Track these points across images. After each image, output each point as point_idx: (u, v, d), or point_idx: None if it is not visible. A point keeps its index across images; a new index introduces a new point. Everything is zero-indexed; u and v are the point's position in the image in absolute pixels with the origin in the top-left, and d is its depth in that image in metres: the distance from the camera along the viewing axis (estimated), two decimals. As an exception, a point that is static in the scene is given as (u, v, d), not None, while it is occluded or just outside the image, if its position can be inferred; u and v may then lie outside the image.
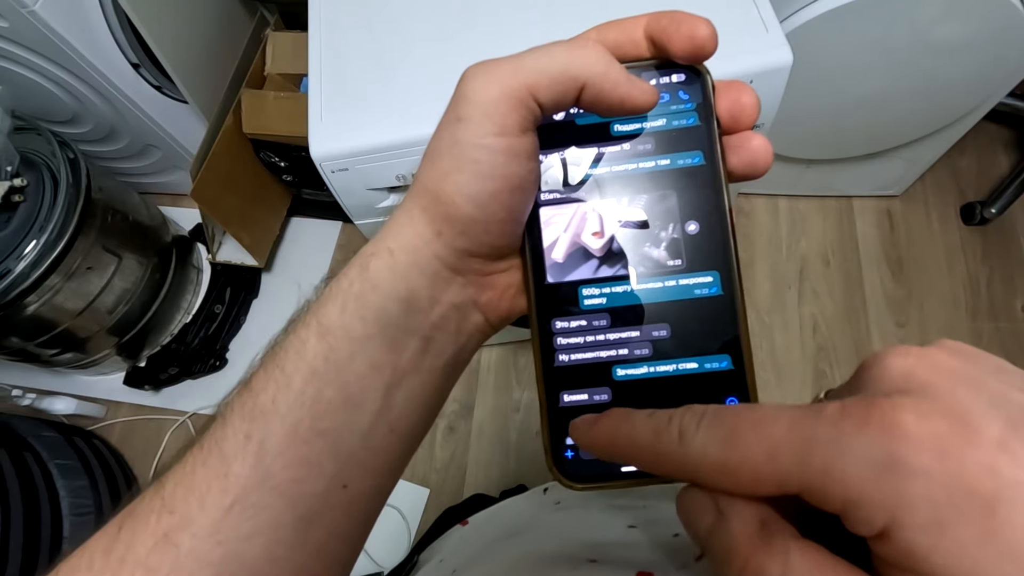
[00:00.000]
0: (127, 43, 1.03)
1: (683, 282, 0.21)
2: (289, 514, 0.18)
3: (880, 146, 1.10)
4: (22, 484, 0.92)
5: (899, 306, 1.18)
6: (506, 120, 0.18)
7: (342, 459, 0.19)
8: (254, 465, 0.18)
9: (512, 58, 0.19)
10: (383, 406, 0.19)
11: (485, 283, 0.22)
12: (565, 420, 0.20)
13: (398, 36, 0.62)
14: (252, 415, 0.19)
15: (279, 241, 1.34)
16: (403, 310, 0.19)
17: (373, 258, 0.20)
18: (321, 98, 0.60)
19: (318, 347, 0.19)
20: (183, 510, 0.18)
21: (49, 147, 1.01)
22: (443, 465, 1.15)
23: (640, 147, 0.21)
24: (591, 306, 0.21)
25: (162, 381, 1.23)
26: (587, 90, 0.19)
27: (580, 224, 0.21)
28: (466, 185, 0.19)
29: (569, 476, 0.20)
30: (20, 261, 0.94)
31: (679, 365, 0.20)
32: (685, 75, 0.21)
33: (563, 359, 0.21)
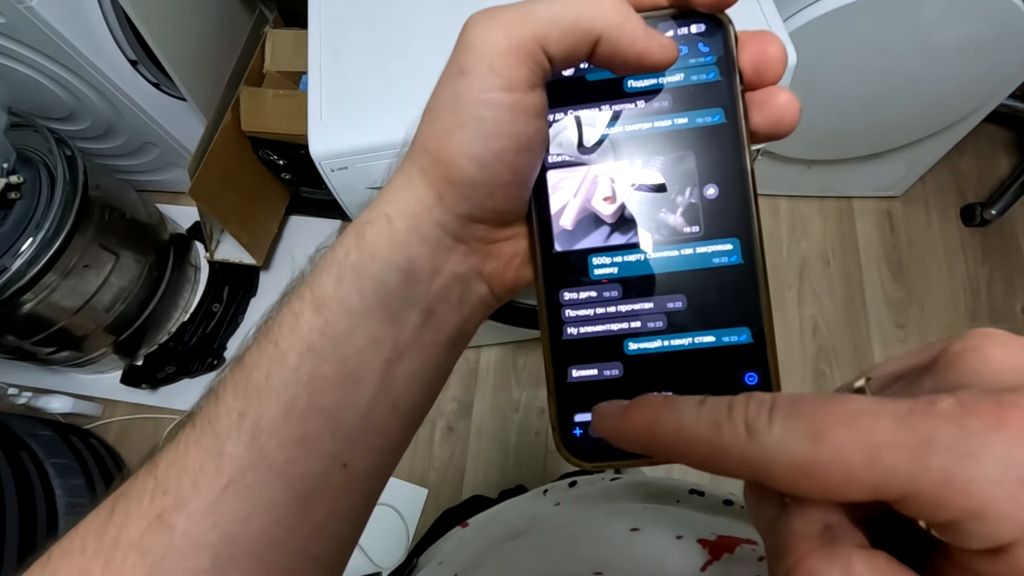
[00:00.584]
0: (125, 40, 1.02)
1: (700, 250, 0.19)
2: (286, 494, 0.18)
3: (881, 147, 1.10)
4: (18, 483, 0.92)
5: (899, 307, 1.18)
6: (513, 73, 0.17)
7: (341, 437, 0.18)
8: (248, 444, 0.17)
9: (520, 5, 0.17)
10: (383, 382, 0.19)
11: (489, 251, 0.20)
12: (573, 396, 0.20)
13: (398, 33, 0.62)
14: (246, 392, 0.18)
15: (277, 239, 1.33)
16: (403, 280, 0.18)
17: (369, 225, 0.19)
18: (321, 96, 0.59)
19: (314, 321, 0.18)
20: (176, 491, 0.17)
21: (46, 144, 1.01)
22: (442, 465, 1.15)
23: (656, 105, 0.20)
24: (602, 276, 0.20)
25: (159, 380, 1.23)
26: (602, 44, 0.17)
27: (591, 188, 0.20)
28: (469, 144, 0.17)
29: (577, 454, 0.19)
30: (16, 259, 0.94)
31: (695, 339, 0.19)
32: (706, 25, 0.19)
33: (572, 332, 0.20)
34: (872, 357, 1.15)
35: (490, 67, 0.17)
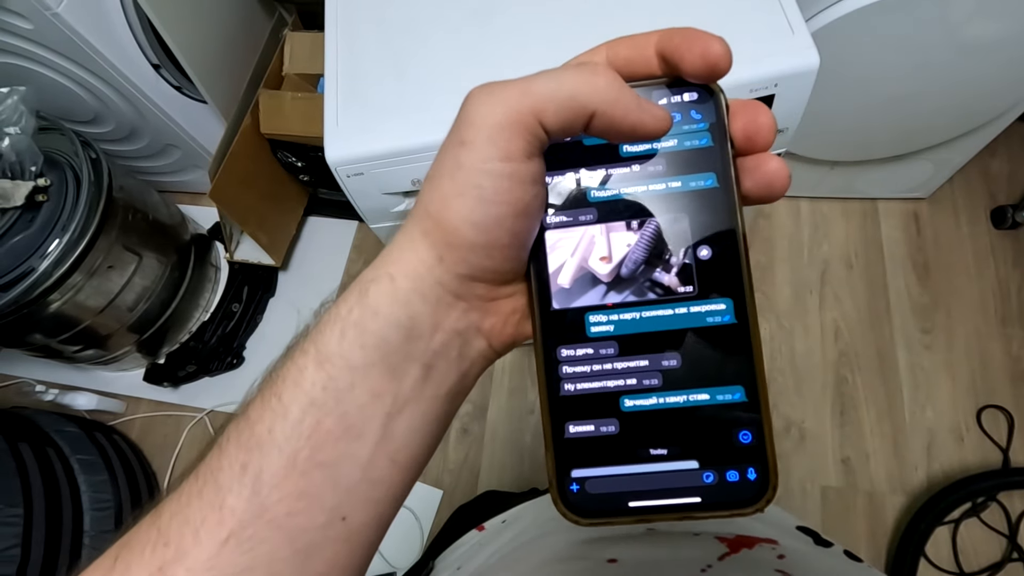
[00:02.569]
0: (148, 44, 1.04)
1: (694, 309, 0.20)
2: (286, 548, 0.18)
3: (907, 148, 1.07)
4: (44, 478, 0.94)
5: (925, 312, 1.15)
6: (511, 145, 0.18)
7: (341, 491, 0.19)
8: (250, 498, 0.18)
9: (519, 81, 0.18)
10: (383, 436, 0.19)
11: (489, 308, 0.21)
12: (570, 451, 0.20)
13: (415, 40, 0.61)
14: (248, 445, 0.18)
15: (296, 240, 1.35)
16: (404, 337, 0.19)
17: (373, 284, 0.19)
18: (337, 102, 0.59)
19: (316, 376, 0.19)
20: (178, 542, 0.18)
21: (72, 147, 1.03)
22: (456, 466, 1.15)
23: (650, 168, 0.20)
24: (598, 333, 0.20)
25: (180, 378, 1.25)
26: (597, 118, 0.18)
27: (587, 248, 0.21)
28: (469, 211, 0.18)
29: (574, 511, 0.20)
30: (43, 260, 0.96)
31: (690, 396, 0.19)
32: (698, 94, 0.20)
33: (569, 388, 0.20)
34: (896, 363, 1.12)
35: (489, 139, 0.18)
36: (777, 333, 1.17)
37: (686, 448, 0.19)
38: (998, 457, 1.04)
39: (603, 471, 0.20)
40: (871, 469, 1.06)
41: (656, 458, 0.19)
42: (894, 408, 1.09)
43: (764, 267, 1.22)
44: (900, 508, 1.03)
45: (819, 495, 1.06)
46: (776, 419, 1.11)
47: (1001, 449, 1.04)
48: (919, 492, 1.03)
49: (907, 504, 1.03)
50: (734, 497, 0.19)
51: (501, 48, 0.59)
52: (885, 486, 1.05)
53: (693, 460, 0.19)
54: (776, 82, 0.54)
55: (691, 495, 0.19)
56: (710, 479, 0.19)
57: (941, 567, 0.99)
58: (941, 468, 1.05)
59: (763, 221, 1.25)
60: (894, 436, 1.08)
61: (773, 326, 1.17)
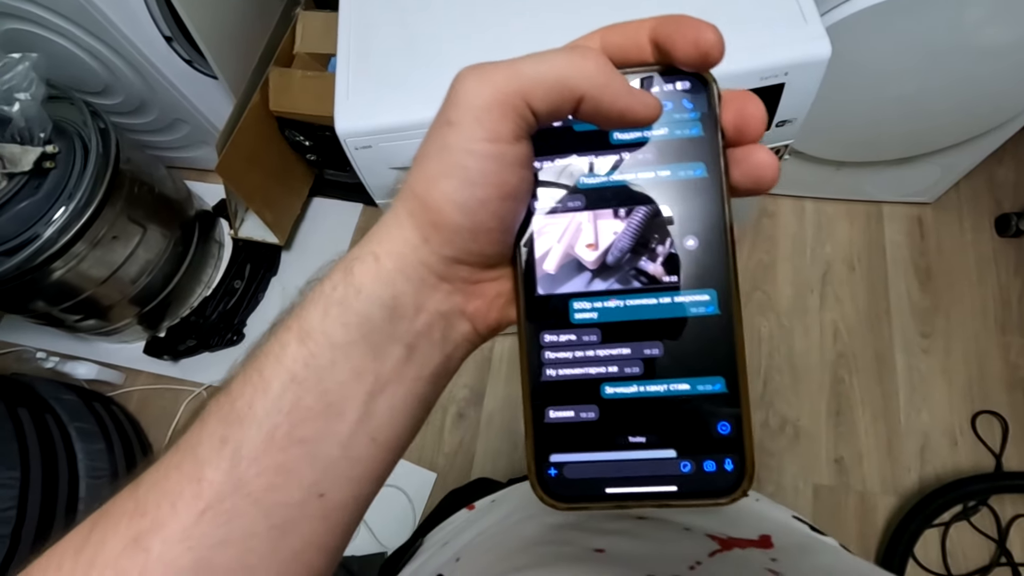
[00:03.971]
0: (161, 16, 1.04)
1: (678, 299, 0.20)
2: (263, 522, 0.18)
3: (915, 151, 1.07)
4: (42, 444, 0.95)
5: (925, 316, 1.15)
6: (498, 126, 0.18)
7: (320, 468, 0.19)
8: (228, 471, 0.18)
9: (508, 63, 0.18)
10: (364, 414, 0.19)
11: (473, 291, 0.21)
12: (550, 436, 0.20)
13: (428, 16, 0.62)
14: (228, 419, 0.18)
15: (300, 220, 1.35)
16: (387, 317, 0.19)
17: (357, 262, 0.19)
18: (348, 75, 0.59)
19: (298, 352, 0.19)
20: (155, 513, 0.18)
21: (81, 116, 1.03)
22: (451, 450, 1.16)
23: (640, 156, 0.20)
24: (582, 320, 0.20)
25: (180, 352, 1.25)
26: (585, 102, 0.18)
27: (574, 235, 0.21)
28: (454, 192, 0.18)
29: (552, 495, 0.20)
30: (48, 227, 0.96)
31: (670, 386, 0.19)
32: (690, 83, 0.20)
33: (550, 374, 0.20)
34: (894, 365, 1.12)
35: (476, 120, 0.18)
36: (776, 331, 1.17)
37: (664, 437, 0.19)
38: (991, 462, 1.04)
39: (581, 457, 0.20)
40: (864, 469, 1.06)
41: (634, 446, 0.19)
42: (890, 410, 1.10)
43: (766, 265, 1.22)
44: (891, 509, 1.04)
45: (811, 493, 1.06)
46: (771, 416, 1.11)
47: (994, 454, 1.04)
48: (911, 494, 1.04)
49: (898, 505, 1.03)
50: (710, 487, 0.19)
51: (514, 26, 0.59)
52: (877, 486, 1.05)
53: (671, 449, 0.19)
54: (786, 71, 0.54)
55: (668, 483, 0.19)
56: (687, 468, 0.19)
57: (929, 569, 1.00)
58: (934, 471, 1.05)
59: (767, 220, 1.25)
60: (888, 437, 1.08)
61: (773, 324, 1.18)
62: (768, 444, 1.09)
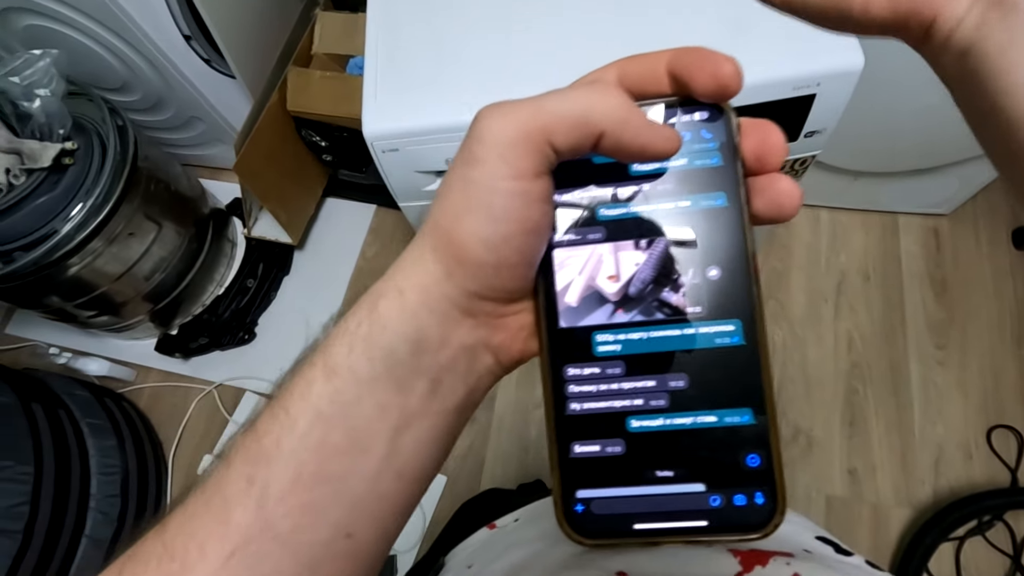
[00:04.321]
0: (181, 15, 1.04)
1: (703, 330, 0.19)
2: (291, 563, 0.18)
3: (933, 162, 1.07)
4: (55, 439, 0.95)
5: (940, 328, 1.14)
6: (521, 163, 0.18)
7: (347, 506, 0.18)
8: (256, 512, 0.18)
9: (529, 100, 0.18)
10: (390, 450, 0.19)
11: (497, 325, 0.21)
12: (576, 471, 0.20)
13: (457, 20, 0.61)
14: (255, 458, 0.18)
15: (314, 220, 1.35)
16: (412, 351, 0.19)
17: (382, 298, 0.19)
18: (376, 77, 0.59)
19: (324, 389, 0.19)
20: (183, 557, 0.18)
21: (100, 113, 1.03)
22: (461, 454, 1.15)
23: (660, 188, 0.20)
24: (605, 353, 0.20)
25: (192, 350, 1.25)
26: (606, 138, 0.18)
27: (595, 267, 0.20)
28: (479, 228, 0.18)
29: (579, 531, 0.19)
30: (66, 223, 0.96)
31: (697, 418, 0.19)
32: (708, 113, 0.20)
33: (575, 408, 0.20)
34: (908, 377, 1.12)
35: (499, 156, 0.18)
36: (790, 340, 1.17)
37: (693, 471, 0.19)
38: (1006, 477, 1.04)
39: (608, 492, 0.19)
40: (877, 481, 1.06)
41: (662, 480, 0.19)
42: (904, 422, 1.09)
43: (780, 274, 1.22)
44: (905, 521, 1.03)
45: (824, 504, 1.05)
46: (784, 426, 1.11)
47: (1010, 469, 1.04)
48: (925, 506, 1.03)
49: (912, 518, 1.03)
50: (741, 521, 0.19)
51: (543, 32, 0.59)
52: (891, 498, 1.04)
53: (700, 483, 0.19)
54: (819, 81, 0.54)
55: (697, 518, 0.19)
56: (717, 503, 0.19)
57: (943, 583, 0.99)
58: (948, 484, 1.04)
59: (781, 228, 1.25)
60: (902, 449, 1.07)
61: (786, 333, 1.17)
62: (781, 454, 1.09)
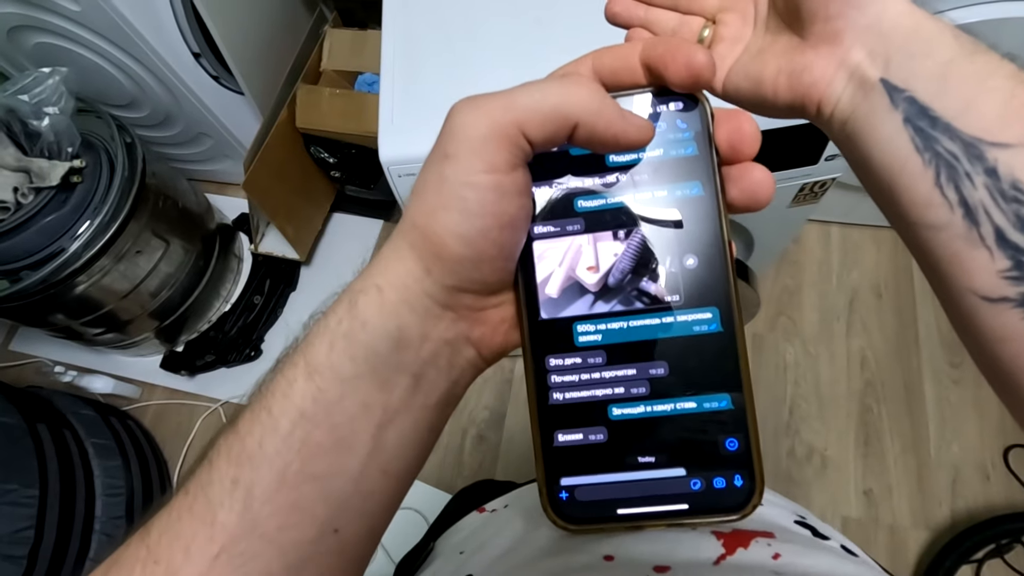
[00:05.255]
0: (190, 33, 1.04)
1: (681, 318, 0.20)
2: (278, 562, 0.18)
3: (946, 179, 1.06)
4: (60, 461, 0.93)
5: (955, 346, 1.13)
6: (495, 157, 0.18)
7: (333, 504, 0.18)
8: (241, 512, 0.18)
9: (502, 94, 0.18)
10: (374, 448, 0.19)
11: (477, 318, 0.21)
12: (559, 459, 0.20)
13: (475, 44, 0.61)
14: (239, 459, 0.18)
15: (320, 236, 1.34)
16: (393, 348, 0.19)
17: (361, 295, 0.19)
18: (393, 101, 0.59)
19: (306, 388, 0.19)
20: (168, 559, 0.17)
21: (108, 130, 1.03)
22: (471, 473, 1.14)
23: (637, 177, 0.21)
24: (586, 343, 0.20)
25: (197, 367, 1.24)
26: (580, 129, 0.18)
27: (575, 258, 0.21)
28: (455, 224, 0.18)
29: (564, 517, 0.20)
30: (74, 241, 0.96)
31: (677, 404, 0.20)
32: (683, 103, 0.20)
33: (557, 397, 0.20)
34: (923, 395, 1.10)
35: (472, 151, 0.18)
36: (803, 359, 1.15)
37: (673, 456, 0.20)
38: (1024, 498, 1.02)
39: (592, 479, 0.20)
40: (894, 502, 1.04)
41: (644, 466, 0.20)
42: (919, 441, 1.07)
43: (792, 291, 1.21)
44: (923, 544, 1.01)
45: (840, 525, 1.04)
46: (798, 445, 1.09)
47: (1028, 490, 1.02)
48: (943, 528, 1.01)
49: (930, 540, 1.01)
50: (721, 503, 0.19)
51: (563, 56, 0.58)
52: (908, 520, 1.03)
53: (680, 467, 0.20)
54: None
55: (679, 502, 0.19)
56: (697, 486, 0.19)
57: (962, 607, 0.97)
58: (966, 505, 1.03)
59: (792, 245, 1.24)
60: (918, 470, 1.06)
61: (799, 351, 1.16)
62: (795, 474, 1.07)
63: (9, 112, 0.93)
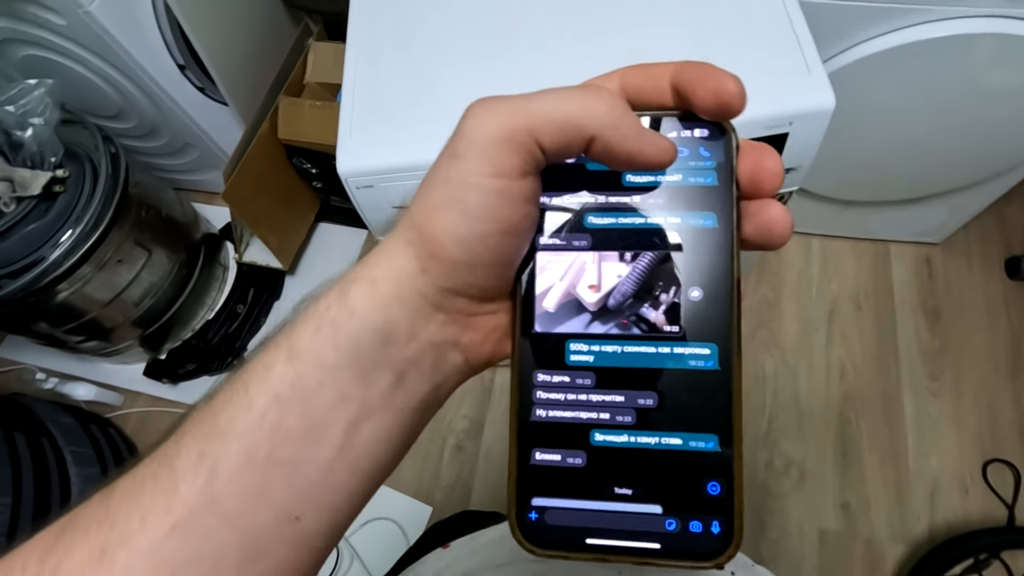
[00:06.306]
0: (175, 45, 1.06)
1: (678, 351, 0.19)
2: (234, 543, 0.17)
3: (922, 192, 1.07)
4: (36, 470, 0.94)
5: (933, 358, 1.13)
6: (503, 162, 0.18)
7: (297, 492, 0.18)
8: (203, 488, 0.17)
9: (518, 97, 0.18)
10: (345, 442, 0.19)
11: (469, 323, 0.21)
12: (533, 479, 0.19)
13: (436, 58, 0.62)
14: (208, 434, 0.18)
15: (305, 245, 1.35)
16: (378, 341, 0.19)
17: (354, 284, 0.19)
18: (353, 113, 0.60)
19: (285, 371, 0.18)
20: (123, 524, 0.17)
21: (93, 140, 1.04)
22: (448, 484, 1.14)
23: (651, 201, 0.20)
24: (577, 362, 0.20)
25: (180, 375, 1.25)
26: (596, 142, 0.18)
27: (577, 274, 0.20)
28: (453, 225, 0.18)
29: (530, 539, 0.19)
30: (55, 249, 0.97)
31: (662, 439, 0.19)
32: (708, 131, 0.20)
33: (540, 414, 0.20)
34: (902, 407, 1.10)
35: (481, 153, 0.18)
36: (781, 369, 1.15)
37: (652, 491, 0.19)
38: (1003, 513, 1.01)
39: (564, 503, 0.19)
40: (871, 515, 1.03)
41: (620, 497, 0.19)
42: (898, 454, 1.07)
43: (771, 302, 1.21)
44: (900, 557, 1.00)
45: (816, 538, 1.03)
46: (776, 457, 1.09)
47: (1007, 505, 1.01)
48: (920, 542, 1.01)
49: (907, 554, 1.00)
50: (695, 548, 0.18)
51: (522, 71, 0.59)
52: (885, 533, 1.02)
53: (657, 504, 0.19)
54: (791, 120, 0.54)
55: (651, 540, 0.19)
56: (672, 526, 0.19)
57: (939, 623, 0.96)
58: (944, 519, 1.02)
59: (772, 256, 1.24)
60: (896, 483, 1.05)
61: (777, 362, 1.16)
62: (772, 486, 1.07)
63: (-7, 123, 0.95)
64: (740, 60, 0.57)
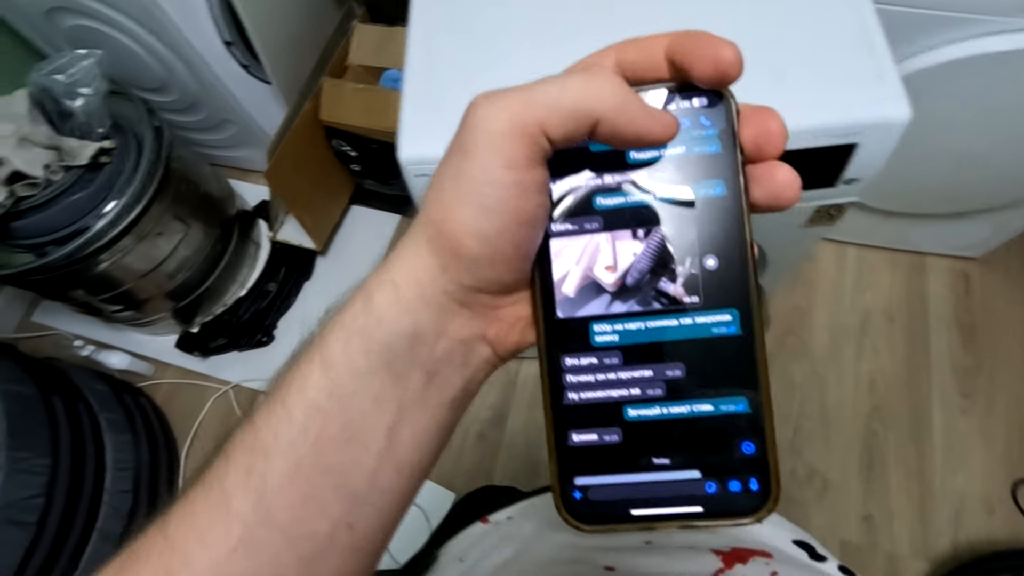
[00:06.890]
0: (222, 21, 1.06)
1: (699, 320, 0.20)
2: (291, 554, 0.18)
3: (968, 207, 1.05)
4: (73, 433, 0.96)
5: (967, 375, 1.12)
6: (513, 154, 0.18)
7: (347, 498, 0.19)
8: (255, 502, 0.18)
9: (522, 89, 0.18)
10: (388, 445, 0.19)
11: (493, 316, 0.21)
12: (573, 459, 0.20)
13: (496, 46, 0.62)
14: (254, 450, 0.19)
15: (338, 227, 1.36)
16: (408, 344, 0.19)
17: (377, 291, 0.19)
18: (415, 100, 0.60)
19: (321, 382, 0.19)
20: (183, 547, 0.18)
21: (138, 113, 1.05)
22: (470, 470, 1.15)
23: (658, 175, 0.20)
24: (603, 343, 0.20)
25: (210, 349, 1.27)
26: (601, 125, 0.18)
27: (592, 257, 0.20)
28: (471, 220, 0.18)
29: (577, 517, 0.20)
30: (99, 220, 0.98)
31: (693, 407, 0.19)
32: (707, 99, 0.20)
33: (572, 397, 0.20)
34: (931, 423, 1.09)
35: (490, 147, 0.18)
36: (810, 378, 1.15)
37: (689, 458, 0.19)
38: (1029, 534, 1.00)
39: (606, 479, 0.20)
40: (894, 530, 1.03)
41: (659, 467, 0.20)
42: (924, 470, 1.06)
43: (803, 311, 1.20)
44: (921, 574, 1.00)
45: (838, 549, 1.03)
46: (799, 466, 1.09)
47: (1033, 527, 1.00)
48: (942, 560, 1.00)
49: (928, 571, 1.00)
50: (736, 507, 0.19)
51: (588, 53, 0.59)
52: (907, 549, 1.02)
53: (696, 470, 0.19)
54: (861, 131, 0.53)
55: (693, 504, 0.19)
56: (712, 489, 0.19)
57: (957, 640, 0.96)
58: (967, 538, 1.01)
59: (806, 263, 1.23)
60: (921, 498, 1.05)
61: (806, 371, 1.15)
62: (795, 494, 1.07)
63: (43, 91, 0.96)
64: (811, 68, 0.56)
